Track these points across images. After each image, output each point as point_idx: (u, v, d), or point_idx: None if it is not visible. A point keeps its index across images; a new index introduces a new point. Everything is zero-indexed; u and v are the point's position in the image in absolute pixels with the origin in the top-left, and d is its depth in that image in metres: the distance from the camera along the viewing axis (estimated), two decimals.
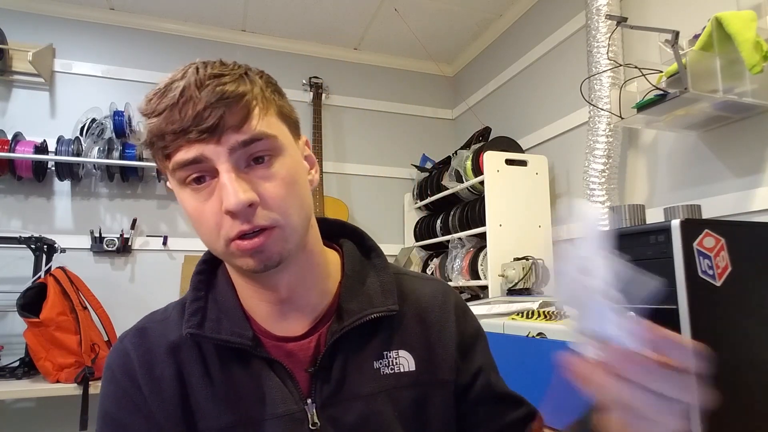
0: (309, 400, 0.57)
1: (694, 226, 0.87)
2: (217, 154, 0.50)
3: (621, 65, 1.62)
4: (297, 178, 0.56)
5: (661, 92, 1.25)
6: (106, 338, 2.06)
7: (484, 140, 2.48)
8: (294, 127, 0.60)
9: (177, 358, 0.59)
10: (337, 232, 0.70)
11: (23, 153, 2.17)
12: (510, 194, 2.05)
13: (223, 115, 0.50)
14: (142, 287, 2.43)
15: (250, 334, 0.58)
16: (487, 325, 1.46)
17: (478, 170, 2.18)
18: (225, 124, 0.50)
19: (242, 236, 0.52)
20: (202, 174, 0.52)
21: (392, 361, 0.61)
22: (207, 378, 0.58)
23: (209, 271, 0.65)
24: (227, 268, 0.63)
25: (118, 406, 0.57)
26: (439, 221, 2.50)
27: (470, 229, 2.20)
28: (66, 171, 2.28)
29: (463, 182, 2.30)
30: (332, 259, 0.66)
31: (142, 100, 0.54)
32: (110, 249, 2.36)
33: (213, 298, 0.62)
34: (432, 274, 2.53)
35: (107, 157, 2.27)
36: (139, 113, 0.54)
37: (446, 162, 2.57)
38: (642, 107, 1.31)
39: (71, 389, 1.81)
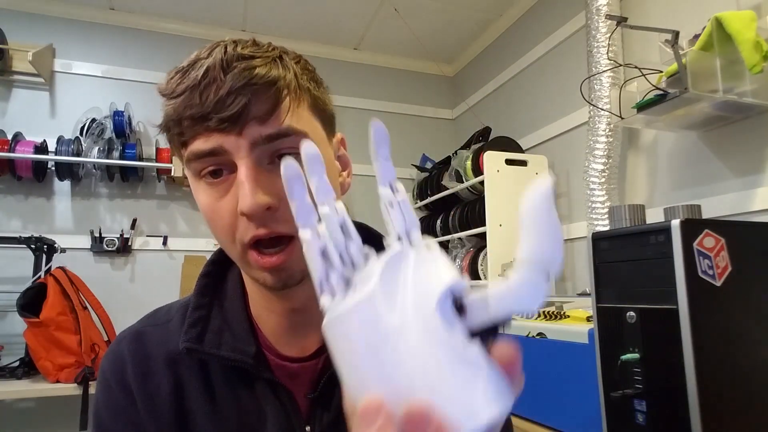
0: (308, 428, 0.53)
1: (694, 226, 0.87)
2: (237, 147, 0.45)
3: (621, 65, 1.62)
4: None
5: (661, 92, 1.25)
6: (106, 338, 2.06)
7: (484, 140, 2.48)
8: (329, 122, 0.54)
9: (175, 371, 0.54)
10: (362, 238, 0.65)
11: (23, 153, 2.17)
12: (510, 194, 2.04)
13: (248, 104, 0.44)
14: (142, 287, 2.43)
15: (252, 351, 0.53)
16: None
17: (478, 170, 2.18)
18: (249, 114, 0.44)
19: (260, 249, 0.47)
20: (219, 167, 0.47)
21: None
22: (206, 394, 0.54)
23: (217, 273, 0.60)
24: (241, 271, 0.58)
25: (113, 419, 0.54)
26: (439, 221, 2.50)
27: (470, 229, 2.20)
28: (66, 171, 2.28)
29: (463, 182, 2.30)
30: None
31: (164, 77, 0.49)
32: (110, 249, 2.36)
33: (218, 305, 0.57)
34: None
35: (107, 157, 2.27)
36: (158, 92, 0.49)
37: (446, 162, 2.56)
38: (642, 107, 1.31)
39: (71, 389, 1.81)
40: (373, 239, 0.62)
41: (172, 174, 2.33)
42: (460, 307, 0.29)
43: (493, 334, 0.27)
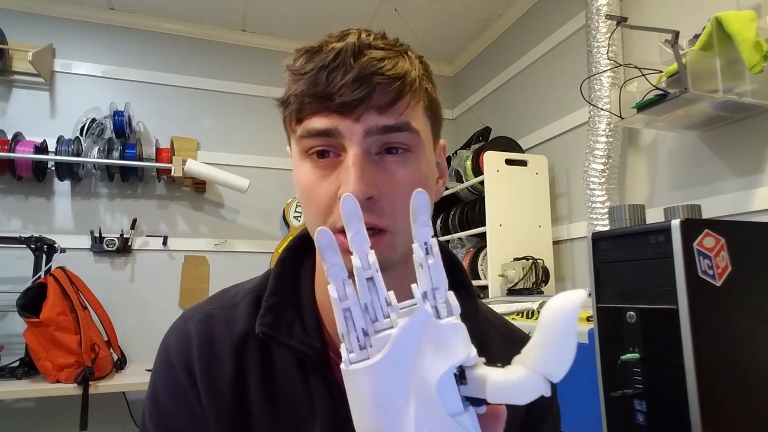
0: None
1: (694, 226, 0.87)
2: (351, 131, 0.46)
3: (621, 65, 1.62)
4: (425, 184, 0.50)
5: (661, 92, 1.25)
6: (106, 338, 2.06)
7: (484, 140, 2.48)
8: (437, 127, 0.55)
9: (240, 357, 0.54)
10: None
11: (23, 153, 2.17)
12: (510, 194, 2.05)
13: (372, 93, 0.45)
14: (142, 287, 2.43)
15: (318, 346, 0.52)
16: None
17: (478, 170, 2.18)
18: (370, 103, 0.45)
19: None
20: (328, 149, 0.47)
21: None
22: (265, 383, 0.53)
23: (294, 260, 0.59)
24: (317, 261, 0.57)
25: (170, 398, 0.54)
26: (439, 221, 2.50)
27: (470, 229, 2.20)
28: (66, 171, 2.28)
29: (463, 182, 2.30)
30: None
31: (292, 54, 0.49)
32: (110, 249, 2.36)
33: (292, 294, 0.56)
34: None
35: (107, 157, 2.27)
36: (285, 67, 0.49)
37: (446, 162, 2.56)
38: (642, 107, 1.31)
39: (71, 389, 1.81)
40: (444, 254, 0.63)
41: (172, 174, 2.33)
42: (462, 374, 0.32)
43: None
